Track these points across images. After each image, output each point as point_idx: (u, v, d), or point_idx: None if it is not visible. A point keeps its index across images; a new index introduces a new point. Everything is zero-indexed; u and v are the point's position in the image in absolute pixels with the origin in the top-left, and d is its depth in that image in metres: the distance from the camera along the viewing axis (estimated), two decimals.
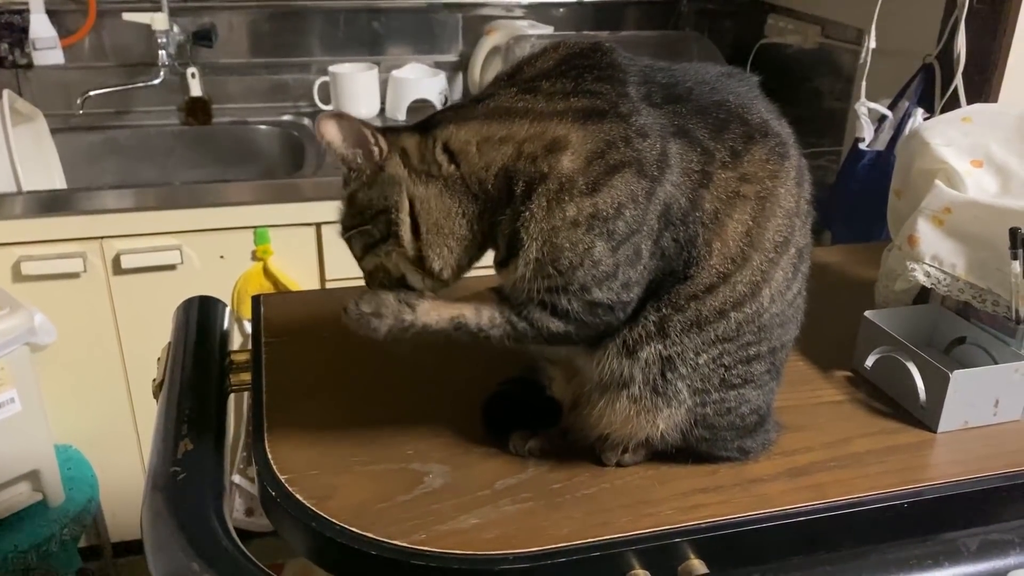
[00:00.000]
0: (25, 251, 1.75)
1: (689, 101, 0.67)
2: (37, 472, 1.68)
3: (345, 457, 0.75)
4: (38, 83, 2.20)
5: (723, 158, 0.66)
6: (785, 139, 0.70)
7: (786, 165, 0.69)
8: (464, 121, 0.66)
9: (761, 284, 0.68)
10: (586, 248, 0.63)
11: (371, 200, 0.68)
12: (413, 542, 0.65)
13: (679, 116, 0.66)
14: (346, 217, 0.71)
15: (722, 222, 0.66)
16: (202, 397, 0.84)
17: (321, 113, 0.67)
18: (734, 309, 0.68)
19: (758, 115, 0.69)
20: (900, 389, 0.83)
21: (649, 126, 0.64)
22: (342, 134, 0.67)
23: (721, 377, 0.70)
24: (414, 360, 0.91)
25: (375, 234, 0.69)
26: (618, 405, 0.71)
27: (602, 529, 0.67)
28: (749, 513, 0.69)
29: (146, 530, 0.70)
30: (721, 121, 0.67)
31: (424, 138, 0.68)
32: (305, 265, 1.90)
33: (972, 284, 0.84)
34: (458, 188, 0.66)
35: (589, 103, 0.64)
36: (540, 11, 2.47)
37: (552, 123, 0.63)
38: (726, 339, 0.69)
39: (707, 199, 0.66)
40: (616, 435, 0.72)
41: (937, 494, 0.72)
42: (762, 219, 0.67)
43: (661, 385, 0.69)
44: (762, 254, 0.68)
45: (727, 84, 0.70)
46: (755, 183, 0.67)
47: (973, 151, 0.89)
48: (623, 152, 0.63)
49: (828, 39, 2.07)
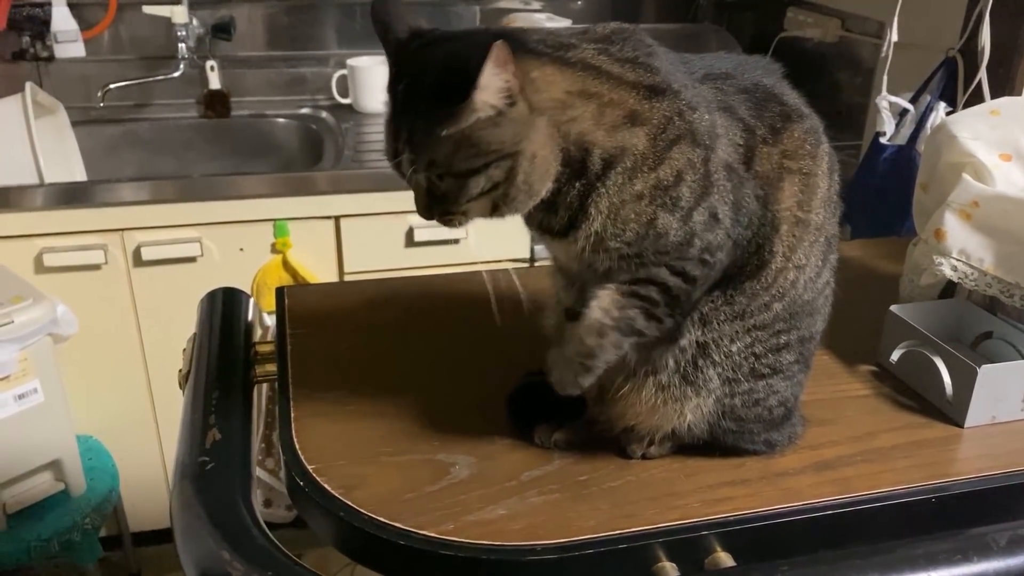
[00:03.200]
0: (47, 243, 1.76)
1: (728, 80, 0.68)
2: (59, 462, 1.70)
3: (371, 447, 0.75)
4: (59, 76, 2.21)
5: (763, 135, 0.67)
6: (818, 125, 0.71)
7: (821, 149, 0.70)
8: (565, 65, 0.63)
9: (804, 268, 0.69)
10: (649, 219, 0.63)
11: (500, 140, 0.61)
12: (441, 532, 0.65)
13: (722, 92, 0.67)
14: (452, 160, 0.61)
15: (778, 187, 0.67)
16: (229, 388, 0.84)
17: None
18: (778, 300, 0.69)
19: (792, 98, 0.70)
20: (926, 384, 0.83)
21: (698, 100, 0.65)
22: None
23: (752, 366, 0.70)
24: (437, 351, 0.92)
25: (485, 181, 0.62)
26: (644, 393, 0.71)
27: (628, 521, 0.67)
28: (776, 507, 0.69)
29: (176, 519, 0.70)
30: (759, 100, 0.68)
31: (540, 70, 0.62)
32: (324, 257, 1.91)
33: (1000, 279, 0.84)
34: (555, 138, 0.62)
35: (650, 77, 0.64)
36: (558, 4, 2.46)
37: (629, 93, 0.63)
38: (760, 327, 0.69)
39: (757, 167, 0.66)
40: (642, 426, 0.72)
41: (965, 489, 0.72)
42: (808, 195, 0.68)
43: (692, 373, 0.70)
44: (810, 234, 0.69)
45: (758, 69, 0.71)
46: (797, 159, 0.68)
47: (1002, 144, 0.88)
48: (678, 125, 0.63)
49: (849, 32, 2.05)
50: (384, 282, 1.11)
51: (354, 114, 2.24)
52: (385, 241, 1.91)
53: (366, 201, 1.87)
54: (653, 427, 0.72)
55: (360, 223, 1.88)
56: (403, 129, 0.62)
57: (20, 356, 1.56)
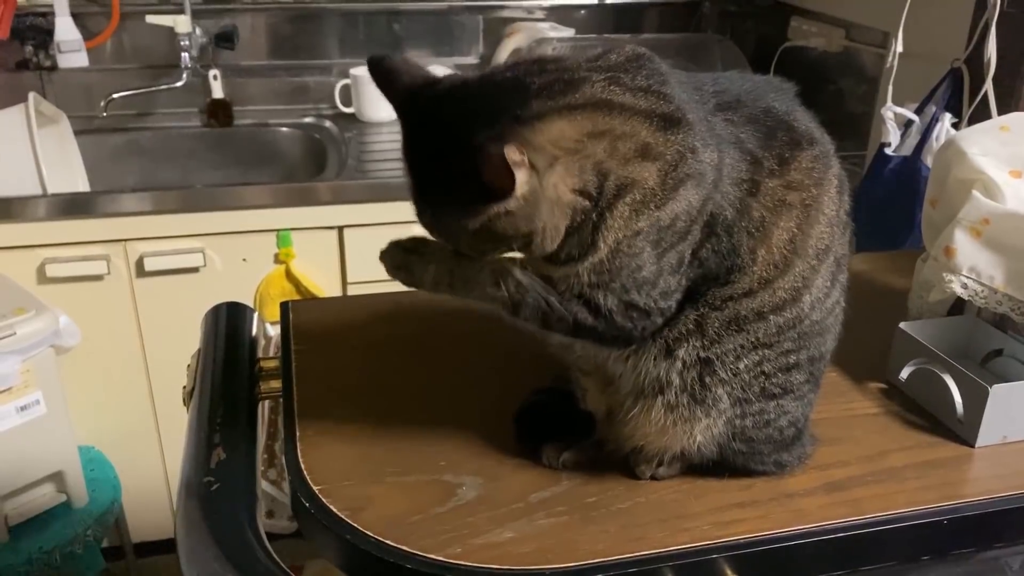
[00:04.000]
0: (50, 253, 1.76)
1: (739, 109, 0.68)
2: (61, 473, 1.69)
3: (378, 467, 0.75)
4: (62, 85, 2.21)
5: (771, 166, 0.66)
6: (828, 148, 0.70)
7: (829, 174, 0.69)
8: (573, 111, 0.61)
9: (802, 290, 0.68)
10: (637, 252, 0.63)
11: (515, 226, 0.60)
12: (449, 556, 0.65)
13: (733, 125, 0.66)
14: (474, 242, 0.62)
15: (768, 230, 0.66)
16: (233, 405, 0.84)
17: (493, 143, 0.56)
18: (773, 312, 0.68)
19: (803, 123, 0.69)
20: (936, 402, 0.82)
21: (708, 136, 0.64)
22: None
23: (762, 386, 0.69)
24: (443, 367, 0.91)
25: (506, 250, 0.63)
26: (653, 413, 0.70)
27: (638, 544, 0.66)
28: (787, 529, 0.68)
29: (180, 540, 0.70)
30: (769, 129, 0.67)
31: (545, 132, 0.60)
32: (327, 268, 1.90)
33: (1011, 296, 0.83)
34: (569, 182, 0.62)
35: (665, 107, 0.63)
36: (561, 13, 2.46)
37: (641, 124, 0.62)
38: (765, 344, 0.69)
39: (754, 207, 0.66)
40: (651, 447, 0.72)
41: (978, 511, 0.71)
42: (806, 226, 0.67)
43: (700, 392, 0.69)
44: (805, 260, 0.68)
45: (769, 92, 0.70)
46: (801, 190, 0.67)
47: (1012, 161, 0.87)
48: (689, 164, 0.62)
49: (853, 42, 2.05)
50: (389, 296, 1.10)
51: (357, 123, 2.24)
52: None
53: (369, 211, 1.86)
54: (662, 448, 0.71)
55: (364, 233, 1.88)
56: (421, 197, 0.63)
57: (22, 368, 1.56)
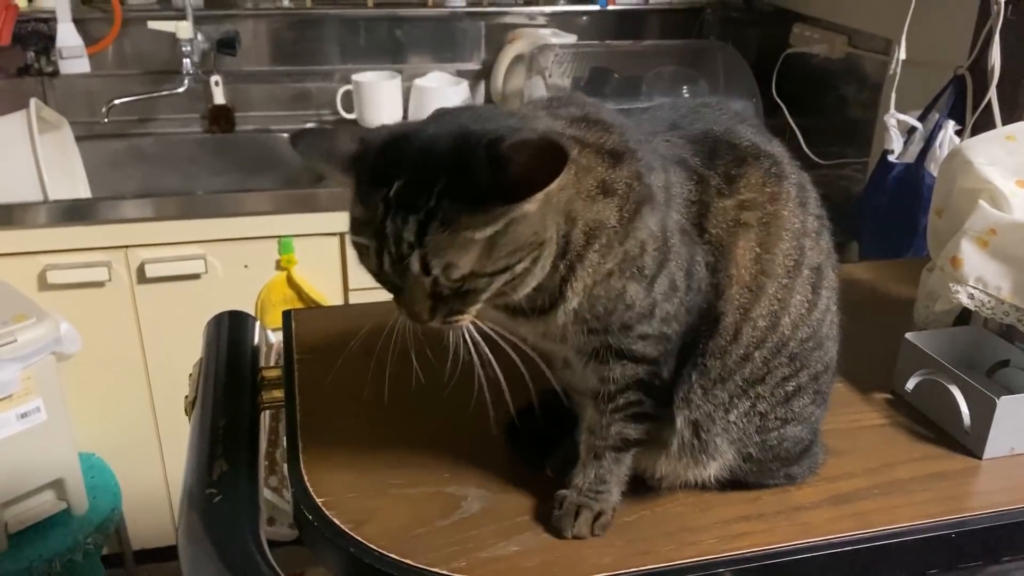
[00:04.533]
0: (51, 260, 1.75)
1: (677, 131, 0.67)
2: (62, 481, 1.68)
3: (381, 479, 0.74)
4: (64, 91, 2.21)
5: (718, 184, 0.65)
6: (779, 158, 0.68)
7: (784, 186, 0.67)
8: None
9: (779, 313, 0.67)
10: (619, 293, 0.62)
11: (534, 231, 0.57)
12: (453, 570, 0.64)
13: (673, 146, 0.66)
14: (482, 261, 0.57)
15: (729, 251, 0.65)
16: (235, 416, 0.83)
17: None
18: (757, 348, 0.67)
19: (746, 139, 0.68)
20: (943, 413, 0.82)
21: (652, 158, 0.63)
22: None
23: (758, 425, 0.70)
24: (447, 377, 0.90)
25: (510, 276, 0.58)
26: (661, 461, 0.71)
27: (645, 558, 0.66)
28: (794, 543, 0.68)
29: (183, 552, 0.69)
30: (710, 149, 0.66)
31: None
32: (329, 275, 1.90)
33: (1017, 307, 0.83)
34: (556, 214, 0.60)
35: (609, 138, 0.62)
36: (563, 19, 2.46)
37: (595, 158, 0.61)
38: (756, 381, 0.68)
39: (710, 227, 0.65)
40: (663, 481, 0.72)
41: (986, 524, 0.71)
42: (769, 244, 0.66)
43: (698, 446, 0.69)
44: (775, 281, 0.67)
45: (706, 114, 0.69)
46: (755, 209, 0.66)
47: (1018, 171, 0.87)
48: (638, 191, 0.61)
49: (855, 49, 2.04)
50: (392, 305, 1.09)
51: (359, 130, 2.23)
52: None
53: None
54: (673, 481, 0.72)
55: None
56: (404, 232, 0.55)
57: (23, 375, 1.55)
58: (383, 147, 0.58)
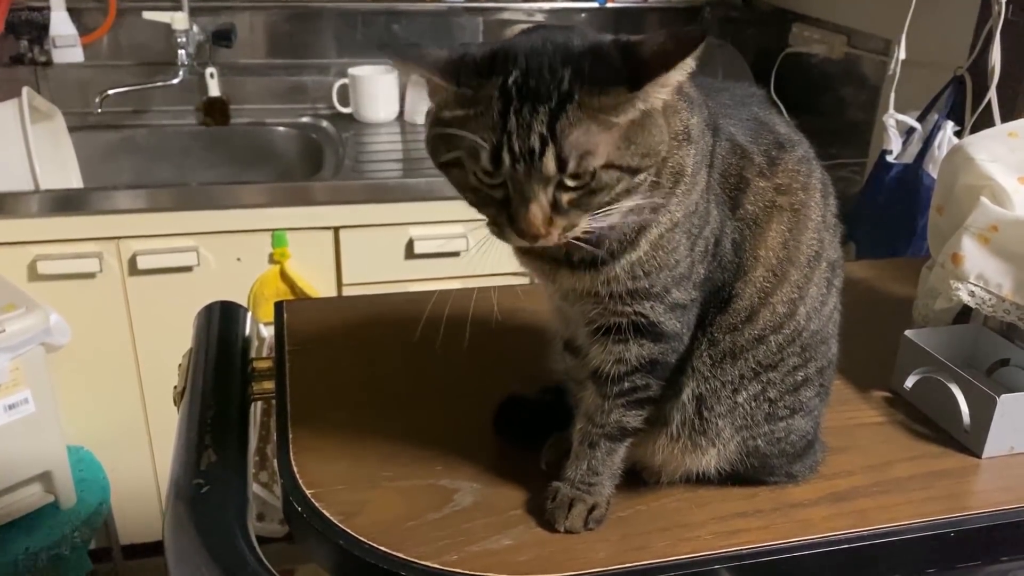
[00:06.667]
0: (41, 250, 1.73)
1: (728, 107, 0.67)
2: (49, 474, 1.67)
3: (373, 471, 0.73)
4: (57, 81, 2.19)
5: (760, 163, 0.66)
6: (809, 152, 0.69)
7: (813, 178, 0.68)
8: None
9: (798, 301, 0.67)
10: (673, 247, 0.61)
11: (660, 140, 0.56)
12: (445, 563, 0.63)
13: (727, 118, 0.66)
14: (621, 152, 0.54)
15: (762, 229, 0.65)
16: (225, 406, 0.82)
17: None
18: (773, 332, 0.67)
19: (783, 127, 0.69)
20: (942, 412, 0.81)
21: (712, 119, 0.64)
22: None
23: (767, 412, 0.69)
24: (440, 369, 0.89)
25: (630, 186, 0.56)
26: (657, 443, 0.70)
27: (639, 554, 0.65)
28: (790, 540, 0.67)
29: (169, 543, 0.68)
30: (754, 130, 0.67)
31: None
32: (323, 269, 1.88)
33: (1019, 305, 0.82)
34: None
35: (686, 85, 0.61)
36: (561, 16, 2.45)
37: (679, 101, 0.60)
38: (770, 367, 0.67)
39: (747, 203, 0.65)
40: (661, 471, 0.71)
41: (985, 523, 0.70)
42: (796, 231, 0.66)
43: (699, 425, 0.68)
44: (798, 269, 0.67)
45: (751, 101, 0.70)
46: (789, 194, 0.66)
47: (1020, 167, 0.86)
48: (707, 145, 0.62)
49: (854, 49, 2.04)
50: (385, 297, 1.08)
51: (355, 124, 2.22)
52: (385, 253, 1.88)
53: (366, 212, 1.84)
54: (672, 472, 0.70)
55: (359, 234, 1.86)
56: (535, 123, 0.52)
57: (11, 366, 1.53)
58: (490, 49, 0.55)
